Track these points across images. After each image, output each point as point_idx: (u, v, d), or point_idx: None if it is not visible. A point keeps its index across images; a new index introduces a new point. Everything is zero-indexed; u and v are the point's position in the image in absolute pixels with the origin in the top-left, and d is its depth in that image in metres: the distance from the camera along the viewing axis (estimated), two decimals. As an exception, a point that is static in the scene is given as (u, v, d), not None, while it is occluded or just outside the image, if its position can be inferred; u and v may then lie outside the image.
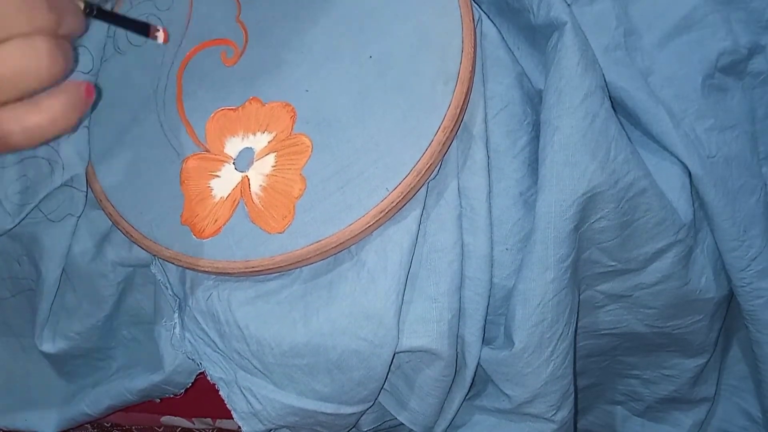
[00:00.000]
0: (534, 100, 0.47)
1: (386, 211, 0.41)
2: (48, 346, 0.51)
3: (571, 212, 0.42)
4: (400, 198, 0.41)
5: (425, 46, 0.44)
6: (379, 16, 0.45)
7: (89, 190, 0.48)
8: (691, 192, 0.46)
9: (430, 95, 0.42)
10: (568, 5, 0.45)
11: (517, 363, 0.44)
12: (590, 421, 0.63)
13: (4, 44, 0.30)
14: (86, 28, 0.35)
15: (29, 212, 0.48)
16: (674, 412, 0.57)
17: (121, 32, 0.51)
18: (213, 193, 0.44)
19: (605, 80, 0.45)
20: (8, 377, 0.56)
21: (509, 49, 0.47)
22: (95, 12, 0.36)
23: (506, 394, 0.47)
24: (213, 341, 0.45)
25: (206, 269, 0.43)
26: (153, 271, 0.46)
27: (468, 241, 0.44)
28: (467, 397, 0.49)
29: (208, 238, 0.44)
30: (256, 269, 0.42)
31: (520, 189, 0.46)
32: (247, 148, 0.45)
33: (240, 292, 0.44)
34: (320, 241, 0.42)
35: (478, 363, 0.46)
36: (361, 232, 0.41)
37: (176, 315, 0.45)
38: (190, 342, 0.46)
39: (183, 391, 0.50)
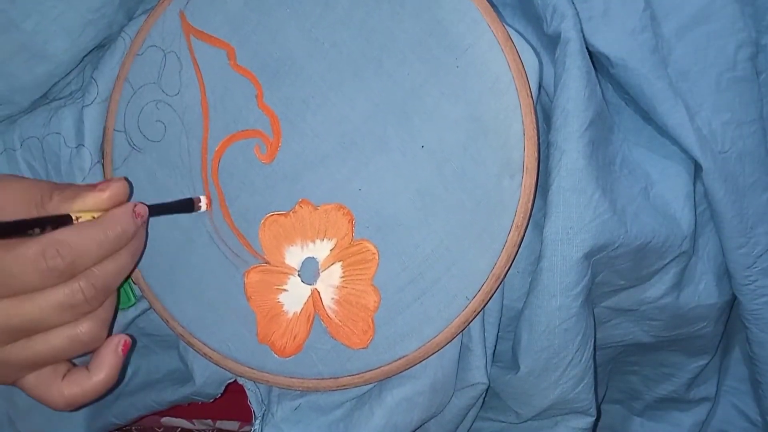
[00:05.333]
0: (550, 115, 0.45)
1: (468, 320, 0.41)
2: None
3: (579, 239, 0.41)
4: (481, 305, 0.41)
5: (481, 131, 0.40)
6: (423, 96, 0.41)
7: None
8: (695, 199, 0.46)
9: (497, 191, 0.40)
10: (579, 21, 0.42)
11: (523, 385, 0.46)
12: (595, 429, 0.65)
13: (51, 332, 0.34)
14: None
15: None
16: (674, 411, 0.58)
17: (133, 127, 0.46)
18: (285, 308, 0.44)
19: (627, 66, 0.44)
20: None
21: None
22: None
23: (514, 411, 0.48)
24: None
25: (295, 387, 0.44)
26: (240, 381, 0.47)
27: None
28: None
29: (290, 356, 0.44)
30: (346, 386, 0.43)
31: None
32: (309, 258, 0.43)
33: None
34: (406, 356, 0.42)
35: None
36: (446, 343, 0.41)
37: (258, 422, 0.46)
38: None
39: (212, 400, 0.51)
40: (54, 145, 0.46)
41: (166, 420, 0.61)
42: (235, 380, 0.48)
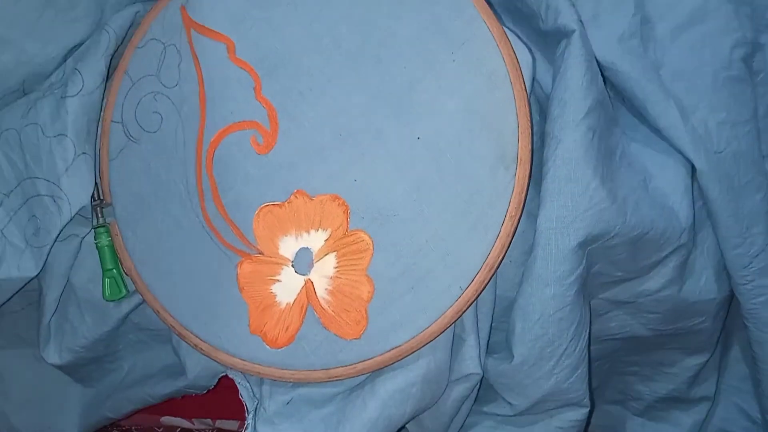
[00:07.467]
0: (544, 108, 0.46)
1: (462, 310, 0.41)
2: (54, 359, 0.51)
3: (573, 229, 0.41)
4: (474, 295, 0.41)
5: (477, 123, 0.41)
6: (420, 90, 0.42)
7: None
8: (693, 194, 0.46)
9: (491, 182, 0.41)
10: (577, 12, 0.43)
11: (517, 375, 0.45)
12: (590, 421, 0.65)
13: None
14: None
15: (48, 254, 0.47)
16: (674, 411, 0.58)
17: (130, 118, 0.47)
18: (277, 299, 0.43)
19: (617, 70, 0.44)
20: (26, 388, 0.57)
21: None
22: None
23: (508, 402, 0.48)
24: None
25: (286, 379, 0.43)
26: (231, 375, 0.46)
27: None
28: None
29: (282, 347, 0.43)
30: (338, 377, 0.43)
31: None
32: (303, 248, 0.43)
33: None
34: (399, 346, 0.42)
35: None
36: (439, 333, 0.41)
37: (251, 416, 0.46)
38: None
39: (206, 391, 0.51)
40: (32, 136, 0.46)
41: (165, 419, 0.60)
42: (230, 373, 0.47)
